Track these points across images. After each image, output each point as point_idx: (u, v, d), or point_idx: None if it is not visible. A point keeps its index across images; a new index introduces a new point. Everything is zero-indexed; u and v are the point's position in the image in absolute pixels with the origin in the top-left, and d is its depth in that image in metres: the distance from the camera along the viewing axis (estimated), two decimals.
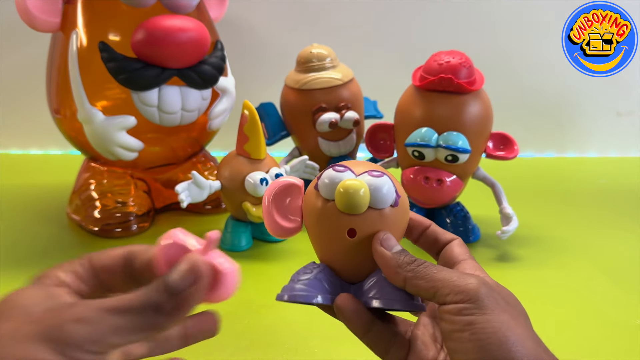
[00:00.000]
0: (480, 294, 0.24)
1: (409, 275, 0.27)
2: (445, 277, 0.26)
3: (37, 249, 0.59)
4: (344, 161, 0.30)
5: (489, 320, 0.24)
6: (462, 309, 0.24)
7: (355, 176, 0.28)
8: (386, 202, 0.28)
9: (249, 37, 0.87)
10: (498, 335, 0.23)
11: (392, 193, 0.28)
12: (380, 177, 0.28)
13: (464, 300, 0.24)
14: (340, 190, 0.27)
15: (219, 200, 0.68)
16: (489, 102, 0.56)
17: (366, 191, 0.28)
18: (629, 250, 0.60)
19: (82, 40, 0.55)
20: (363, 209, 0.28)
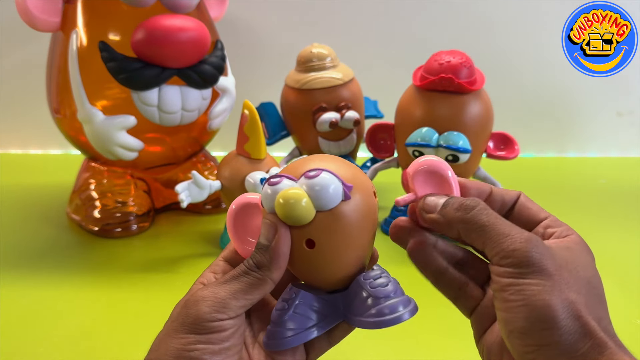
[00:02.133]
0: (528, 257, 0.24)
1: (460, 227, 0.26)
2: (494, 236, 0.25)
3: (37, 249, 0.59)
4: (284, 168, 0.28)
5: (530, 283, 0.23)
6: (504, 272, 0.24)
7: (296, 182, 0.26)
8: (333, 200, 0.25)
9: (249, 37, 0.87)
10: (535, 299, 0.23)
11: (338, 188, 0.25)
12: (317, 176, 0.25)
13: (507, 265, 0.24)
14: (280, 202, 0.25)
15: (219, 200, 0.68)
16: (489, 102, 0.56)
17: (308, 201, 0.25)
18: (629, 250, 0.60)
19: (82, 40, 0.55)
20: (310, 217, 0.25)
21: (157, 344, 0.26)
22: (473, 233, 0.25)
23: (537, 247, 0.24)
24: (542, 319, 0.23)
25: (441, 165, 0.27)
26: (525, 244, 0.24)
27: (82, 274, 0.54)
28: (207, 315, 0.25)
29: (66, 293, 0.51)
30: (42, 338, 0.44)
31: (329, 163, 0.27)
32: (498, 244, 0.24)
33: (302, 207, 0.25)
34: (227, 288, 0.25)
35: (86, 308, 0.49)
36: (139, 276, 0.53)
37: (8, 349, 0.43)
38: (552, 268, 0.24)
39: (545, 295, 0.23)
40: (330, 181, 0.25)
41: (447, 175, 0.27)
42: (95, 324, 0.46)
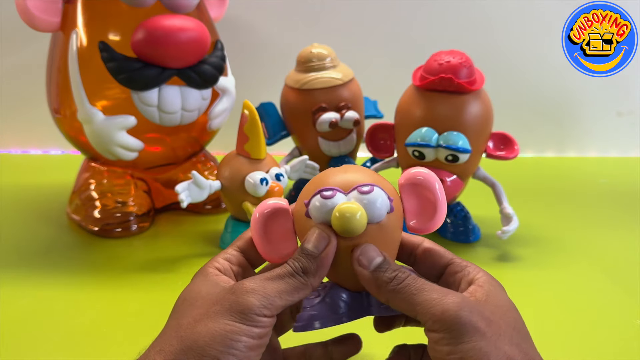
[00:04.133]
0: (458, 321, 0.24)
1: (389, 296, 0.27)
2: (423, 301, 0.25)
3: (37, 249, 0.59)
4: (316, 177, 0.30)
5: (468, 349, 0.24)
6: (441, 339, 0.24)
7: (345, 195, 0.28)
8: (382, 214, 0.28)
9: (249, 37, 0.87)
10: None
11: (386, 202, 0.28)
12: (371, 192, 0.28)
13: (441, 330, 0.24)
14: (337, 215, 0.27)
15: (219, 200, 0.68)
16: (489, 102, 0.56)
17: (362, 213, 0.27)
18: (629, 250, 0.60)
19: (82, 40, 0.55)
20: (363, 229, 0.27)
21: (192, 323, 0.25)
22: (403, 302, 0.26)
23: (464, 307, 0.25)
24: None
25: (430, 179, 0.29)
26: (453, 306, 0.25)
27: (82, 274, 0.54)
28: (256, 308, 0.25)
29: (66, 293, 0.51)
30: (42, 338, 0.44)
31: (363, 174, 0.29)
32: (428, 309, 0.25)
33: (357, 221, 0.27)
34: (274, 286, 0.26)
35: (86, 308, 0.49)
36: (139, 276, 0.53)
37: (8, 349, 0.43)
38: (483, 325, 0.24)
39: (484, 357, 0.23)
40: (380, 196, 0.28)
41: (435, 189, 0.29)
42: (95, 324, 0.46)
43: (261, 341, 0.25)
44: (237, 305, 0.25)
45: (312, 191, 0.29)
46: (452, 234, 0.61)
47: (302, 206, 0.29)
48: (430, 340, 0.25)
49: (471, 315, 0.25)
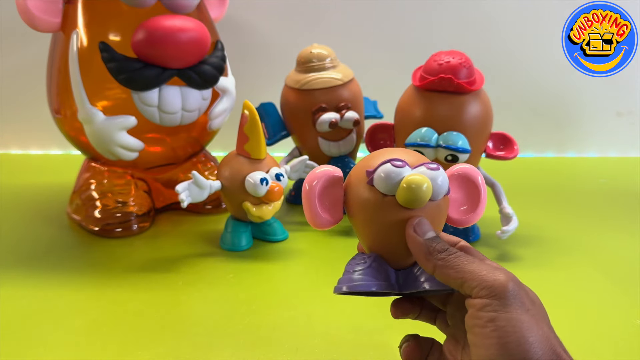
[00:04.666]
0: (507, 291, 0.25)
1: (439, 263, 0.27)
2: (474, 270, 0.26)
3: (37, 249, 0.59)
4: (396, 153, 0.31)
5: (511, 319, 0.24)
6: (486, 305, 0.25)
7: (411, 169, 0.29)
8: (442, 193, 0.29)
9: (249, 37, 0.87)
10: (518, 335, 0.24)
11: (446, 184, 0.30)
12: (437, 169, 0.29)
13: (489, 296, 0.25)
14: (404, 186, 0.28)
15: (219, 200, 0.68)
16: (488, 102, 0.56)
17: (429, 186, 0.28)
18: (628, 250, 0.60)
19: (82, 40, 0.55)
20: (425, 202, 0.29)
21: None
22: (452, 270, 0.26)
23: (514, 280, 0.25)
24: (526, 356, 0.23)
25: (476, 173, 0.31)
26: (503, 277, 0.25)
27: (82, 274, 0.54)
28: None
29: (66, 293, 0.51)
30: (42, 338, 0.44)
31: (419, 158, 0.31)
32: (478, 276, 0.25)
33: (424, 192, 0.28)
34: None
35: (86, 308, 0.49)
36: (139, 276, 0.53)
37: (8, 349, 0.43)
38: (528, 302, 0.25)
39: (526, 332, 0.24)
40: (443, 176, 0.30)
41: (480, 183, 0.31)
42: (95, 324, 0.46)
43: None
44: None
45: (375, 162, 0.30)
46: (451, 234, 0.61)
47: (361, 174, 0.30)
48: (473, 307, 0.25)
49: (519, 290, 0.25)
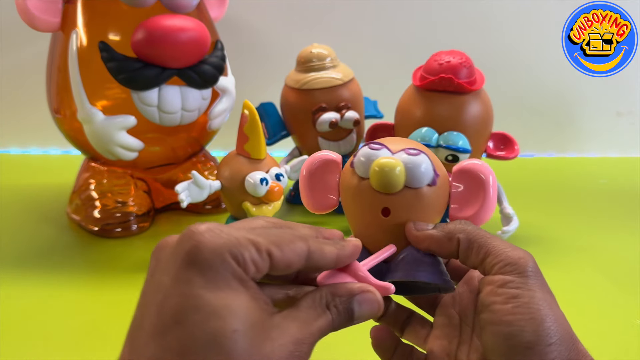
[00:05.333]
0: (529, 269, 0.24)
1: (461, 236, 0.26)
2: (498, 245, 0.25)
3: (37, 249, 0.59)
4: (382, 138, 0.30)
5: (534, 296, 0.24)
6: (508, 282, 0.24)
7: (392, 154, 0.28)
8: (423, 181, 0.27)
9: (249, 37, 0.87)
10: (540, 312, 0.23)
11: (430, 172, 0.27)
12: (417, 155, 0.27)
13: (512, 272, 0.24)
14: (375, 169, 0.27)
15: (219, 200, 0.68)
16: (489, 102, 0.56)
17: (402, 170, 0.27)
18: (629, 250, 0.60)
19: (82, 40, 0.55)
20: (398, 187, 0.27)
21: None
22: (475, 243, 0.26)
23: (535, 262, 0.25)
24: (548, 334, 0.23)
25: (484, 170, 0.28)
26: (526, 255, 0.25)
27: (82, 274, 0.54)
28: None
29: (66, 293, 0.51)
30: (42, 338, 0.44)
31: (422, 147, 0.29)
32: (503, 251, 0.25)
33: (395, 176, 0.27)
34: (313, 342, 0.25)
35: (86, 308, 0.49)
36: (139, 276, 0.53)
37: (8, 349, 0.43)
38: (546, 285, 0.25)
39: (549, 311, 0.24)
40: (425, 163, 0.27)
41: (486, 181, 0.28)
42: (95, 324, 0.46)
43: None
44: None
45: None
46: None
47: (350, 161, 0.29)
48: (493, 285, 0.25)
49: (538, 271, 0.25)
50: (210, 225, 0.21)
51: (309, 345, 0.22)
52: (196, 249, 0.20)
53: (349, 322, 0.24)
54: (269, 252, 0.21)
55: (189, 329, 0.19)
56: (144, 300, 0.22)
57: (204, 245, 0.20)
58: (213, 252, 0.20)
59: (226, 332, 0.19)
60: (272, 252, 0.21)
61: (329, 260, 0.24)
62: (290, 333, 0.22)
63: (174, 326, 0.20)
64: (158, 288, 0.21)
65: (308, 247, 0.23)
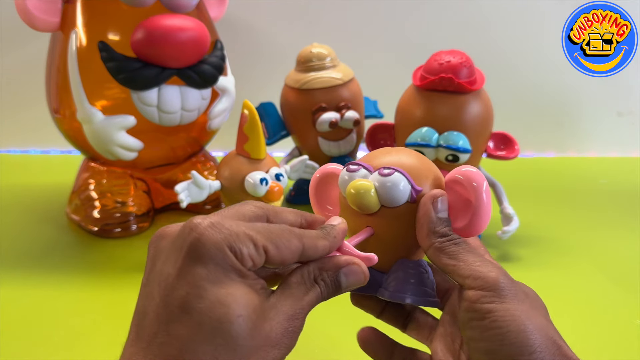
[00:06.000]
0: (500, 282, 0.24)
1: (436, 245, 0.26)
2: (469, 260, 0.26)
3: (36, 249, 0.59)
4: (365, 155, 0.30)
5: (508, 309, 0.24)
6: (482, 297, 0.24)
7: (371, 173, 0.28)
8: (399, 200, 0.27)
9: (248, 37, 0.87)
10: (517, 323, 0.23)
11: (407, 191, 0.27)
12: (391, 174, 0.27)
13: (483, 287, 0.24)
14: (351, 192, 0.28)
15: (218, 200, 0.68)
16: (489, 102, 0.56)
17: (367, 192, 0.27)
18: (629, 250, 0.60)
19: (81, 40, 0.55)
20: (373, 208, 0.28)
21: None
22: (445, 255, 0.26)
23: (505, 275, 0.25)
24: (526, 344, 0.23)
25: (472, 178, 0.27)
26: (496, 271, 0.25)
27: (82, 274, 0.54)
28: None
29: (66, 293, 0.51)
30: (42, 338, 0.44)
31: (409, 160, 0.29)
32: (472, 267, 0.25)
33: (369, 198, 0.27)
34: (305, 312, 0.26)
35: (86, 308, 0.49)
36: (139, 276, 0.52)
37: (8, 349, 0.43)
38: (521, 294, 0.25)
39: (526, 321, 0.24)
40: (399, 182, 0.27)
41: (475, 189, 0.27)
42: (95, 324, 0.46)
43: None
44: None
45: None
46: None
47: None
48: (468, 301, 0.25)
49: (512, 282, 0.25)
50: (212, 219, 0.23)
51: (301, 319, 0.24)
52: (199, 242, 0.22)
53: (337, 293, 0.26)
54: (266, 249, 0.23)
55: (196, 317, 0.21)
56: (147, 290, 0.23)
57: (206, 238, 0.22)
58: (214, 246, 0.22)
59: (231, 317, 0.21)
60: (268, 249, 0.23)
61: (322, 253, 0.25)
62: (284, 310, 0.23)
63: (181, 315, 0.21)
64: (162, 279, 0.22)
65: (303, 245, 0.24)
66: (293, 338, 0.23)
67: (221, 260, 0.22)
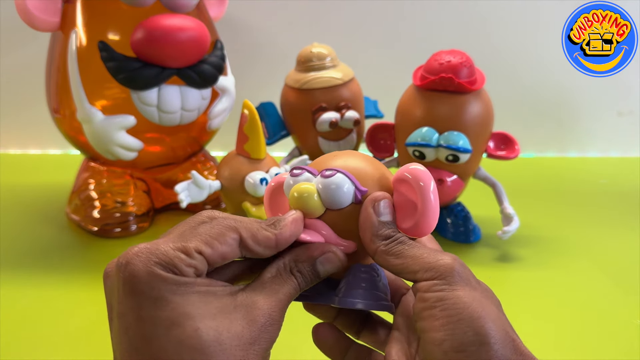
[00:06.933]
0: (452, 269, 0.24)
1: (380, 248, 0.26)
2: (415, 254, 0.25)
3: (37, 249, 0.59)
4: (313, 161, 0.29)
5: (460, 296, 0.23)
6: (432, 285, 0.24)
7: (315, 177, 0.27)
8: (342, 202, 0.26)
9: (248, 37, 0.87)
10: (469, 310, 0.22)
11: (350, 192, 0.26)
12: (332, 175, 0.26)
13: (434, 277, 0.24)
14: (294, 195, 0.27)
15: (218, 200, 0.68)
16: (489, 102, 0.55)
17: (316, 196, 0.26)
18: (629, 250, 0.60)
19: (81, 40, 0.55)
20: (317, 212, 0.27)
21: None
22: (391, 256, 0.25)
23: (458, 262, 0.24)
24: (479, 333, 0.22)
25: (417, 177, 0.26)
26: (449, 258, 0.24)
27: (82, 274, 0.54)
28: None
29: (66, 293, 0.51)
30: (42, 338, 0.44)
31: (355, 162, 0.28)
32: (420, 260, 0.25)
33: (311, 202, 0.27)
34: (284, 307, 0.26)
35: (86, 308, 0.49)
36: None
37: (8, 349, 0.43)
38: (474, 281, 0.24)
39: (478, 308, 0.23)
40: (342, 184, 0.27)
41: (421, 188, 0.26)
42: (95, 324, 0.46)
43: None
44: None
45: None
46: (452, 234, 0.61)
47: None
48: (420, 290, 0.24)
49: (464, 269, 0.24)
50: (138, 248, 0.23)
51: (278, 313, 0.24)
52: (132, 277, 0.22)
53: (315, 281, 0.26)
54: (200, 251, 0.23)
55: (157, 344, 0.21)
56: (114, 339, 0.24)
57: (136, 272, 0.22)
58: (148, 274, 0.22)
59: (189, 333, 0.21)
60: (202, 250, 0.23)
61: (267, 244, 0.25)
62: (258, 306, 0.23)
63: (144, 346, 0.21)
64: (120, 322, 0.23)
65: (239, 235, 0.24)
66: (272, 332, 0.23)
67: (161, 284, 0.22)
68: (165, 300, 0.22)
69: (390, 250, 0.25)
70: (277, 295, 0.24)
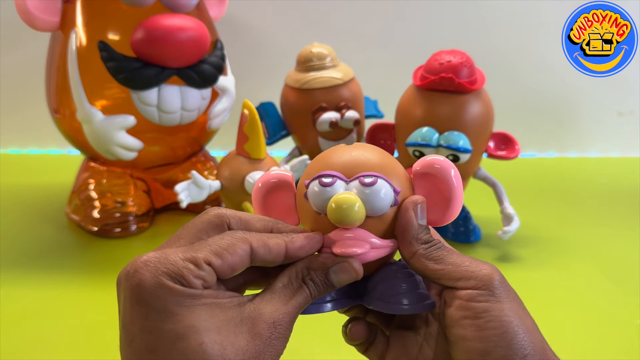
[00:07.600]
0: (494, 281, 0.24)
1: (420, 251, 0.26)
2: (456, 262, 0.25)
3: (36, 249, 0.59)
4: (319, 156, 0.28)
5: (503, 309, 0.23)
6: (477, 295, 0.24)
7: (347, 184, 0.26)
8: (384, 207, 0.26)
9: (248, 37, 0.87)
10: (513, 324, 0.23)
11: (390, 195, 0.26)
12: (374, 184, 0.25)
13: (477, 287, 0.24)
14: (332, 206, 0.25)
15: (218, 200, 0.68)
16: (490, 102, 0.55)
17: (361, 206, 0.25)
18: (629, 250, 0.60)
19: (81, 40, 0.55)
20: (359, 222, 0.25)
21: None
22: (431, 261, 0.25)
23: (498, 273, 0.25)
24: (521, 345, 0.23)
25: (444, 168, 0.26)
26: (490, 268, 0.25)
27: (82, 274, 0.54)
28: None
29: (66, 293, 0.51)
30: (42, 338, 0.44)
31: (373, 157, 0.27)
32: (462, 268, 0.25)
33: (355, 213, 0.25)
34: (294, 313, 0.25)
35: (86, 308, 0.49)
36: None
37: (8, 349, 0.43)
38: (513, 293, 0.25)
39: (519, 322, 0.23)
40: (384, 189, 0.26)
41: (450, 179, 0.26)
42: (95, 324, 0.46)
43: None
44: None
45: (315, 171, 0.27)
46: (452, 235, 0.61)
47: (302, 186, 0.27)
48: (461, 299, 0.24)
49: (504, 281, 0.25)
50: (147, 257, 0.22)
51: (285, 326, 0.23)
52: (139, 288, 0.21)
53: (328, 290, 0.25)
54: (209, 263, 0.22)
55: (161, 357, 0.21)
56: (120, 348, 0.23)
57: (143, 281, 0.21)
58: (155, 284, 0.21)
59: (194, 347, 0.21)
60: (211, 261, 0.22)
61: (277, 253, 0.24)
62: (264, 319, 0.23)
63: (148, 357, 0.21)
64: (125, 333, 0.22)
65: (250, 246, 0.23)
66: (278, 345, 0.23)
67: (167, 295, 0.21)
68: (170, 312, 0.21)
69: (430, 254, 0.26)
70: (286, 307, 0.24)
